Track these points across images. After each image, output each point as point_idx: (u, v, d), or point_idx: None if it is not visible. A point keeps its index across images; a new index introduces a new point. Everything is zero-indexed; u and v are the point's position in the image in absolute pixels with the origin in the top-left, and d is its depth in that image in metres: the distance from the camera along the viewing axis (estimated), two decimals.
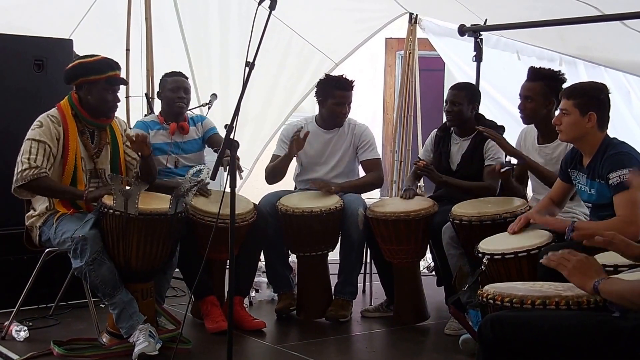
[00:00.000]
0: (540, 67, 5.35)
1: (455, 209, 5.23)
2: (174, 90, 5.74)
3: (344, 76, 5.96)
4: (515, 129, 5.74)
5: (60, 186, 4.95)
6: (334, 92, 5.87)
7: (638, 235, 3.98)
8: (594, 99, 4.41)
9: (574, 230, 4.17)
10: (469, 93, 5.71)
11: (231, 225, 3.92)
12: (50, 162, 4.90)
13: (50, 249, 4.98)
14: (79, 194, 4.91)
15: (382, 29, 8.09)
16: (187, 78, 5.83)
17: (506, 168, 5.16)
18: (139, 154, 5.06)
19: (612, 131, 4.54)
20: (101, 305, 4.94)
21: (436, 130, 5.95)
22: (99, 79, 4.96)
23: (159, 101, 6.05)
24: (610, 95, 4.49)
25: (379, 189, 7.48)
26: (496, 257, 4.52)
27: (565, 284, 3.02)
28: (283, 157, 5.81)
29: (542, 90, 5.12)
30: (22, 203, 5.15)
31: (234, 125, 3.85)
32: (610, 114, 4.50)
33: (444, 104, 5.76)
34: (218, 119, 5.99)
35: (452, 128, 5.80)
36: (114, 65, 5.05)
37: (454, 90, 5.73)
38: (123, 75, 5.34)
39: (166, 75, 5.89)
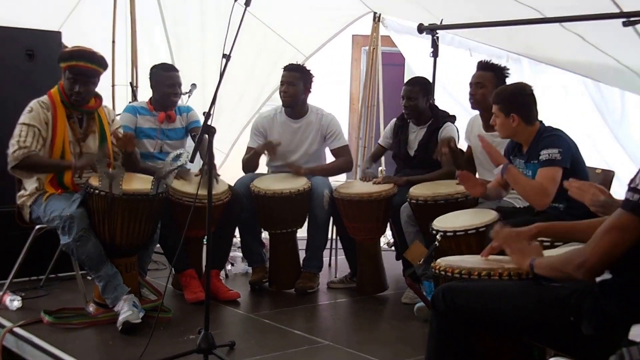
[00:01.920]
0: (488, 61, 5.40)
1: (412, 190, 5.28)
2: (170, 86, 5.65)
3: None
4: (466, 118, 5.78)
5: (50, 160, 4.90)
6: (282, 73, 5.89)
7: (545, 205, 4.14)
8: (513, 102, 4.48)
9: (506, 171, 4.37)
10: (422, 87, 5.73)
11: (209, 205, 3.92)
12: (40, 143, 4.86)
13: (40, 226, 4.94)
14: (67, 164, 4.88)
15: (349, 26, 8.08)
16: (178, 72, 5.76)
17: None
18: (123, 150, 5.06)
19: (551, 122, 4.60)
20: (88, 277, 4.91)
21: (395, 119, 5.97)
22: (65, 67, 4.91)
23: (143, 89, 6.00)
24: (545, 90, 4.53)
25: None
26: (448, 234, 4.57)
27: (508, 257, 3.06)
28: (254, 153, 5.82)
29: (492, 79, 5.16)
30: (14, 183, 5.12)
31: (212, 112, 3.85)
32: (549, 106, 4.55)
33: (401, 99, 5.76)
34: (197, 107, 5.96)
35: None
36: (77, 56, 4.90)
37: (409, 87, 5.72)
38: (108, 65, 5.24)
39: (160, 68, 5.75)
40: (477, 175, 5.43)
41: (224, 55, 3.79)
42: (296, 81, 5.81)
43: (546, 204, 4.19)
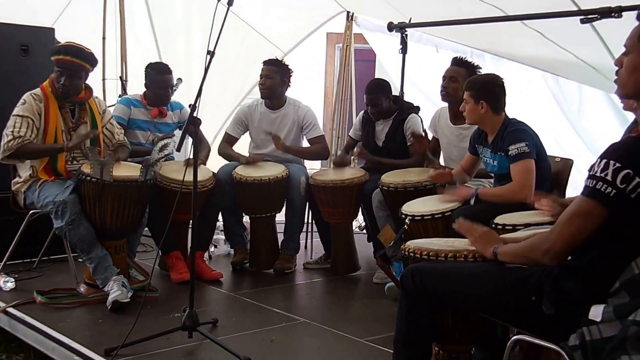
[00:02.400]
0: (462, 58, 5.37)
1: (384, 177, 5.26)
2: (162, 88, 5.61)
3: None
4: (431, 110, 5.77)
5: (43, 146, 4.85)
6: (261, 67, 5.87)
7: (528, 199, 4.04)
8: (484, 90, 4.47)
9: (478, 195, 4.37)
10: (383, 91, 5.66)
11: (194, 190, 3.88)
12: (34, 133, 4.81)
13: (34, 211, 4.90)
14: (60, 147, 4.82)
15: (324, 24, 8.07)
16: (171, 73, 5.69)
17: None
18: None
19: (513, 114, 4.59)
20: (79, 259, 4.85)
21: (362, 112, 5.95)
22: (54, 61, 4.87)
23: (132, 83, 5.96)
24: (507, 84, 4.53)
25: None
26: (417, 218, 4.57)
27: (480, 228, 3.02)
28: (234, 157, 5.83)
29: (465, 74, 5.13)
30: (9, 170, 5.07)
31: (197, 105, 3.80)
32: (511, 100, 4.54)
33: (366, 105, 5.71)
34: (183, 99, 5.92)
35: None
36: (65, 51, 4.85)
37: (372, 95, 5.63)
38: (99, 60, 5.18)
39: (154, 70, 5.67)
40: (442, 163, 5.43)
41: (208, 52, 3.74)
42: (273, 74, 5.79)
43: (529, 196, 4.11)
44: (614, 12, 4.77)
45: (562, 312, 2.41)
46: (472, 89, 4.49)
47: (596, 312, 2.25)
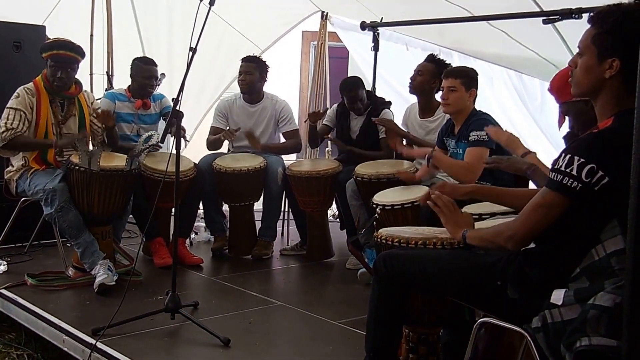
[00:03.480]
0: (437, 56, 5.39)
1: (358, 168, 5.27)
2: (147, 77, 5.55)
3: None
4: (402, 106, 5.79)
5: (34, 140, 4.88)
6: (240, 64, 5.85)
7: (472, 181, 4.12)
8: (474, 79, 4.52)
9: (431, 159, 4.37)
10: (361, 85, 5.68)
11: (176, 180, 3.87)
12: (26, 125, 4.82)
13: (25, 198, 4.92)
14: (50, 143, 4.85)
15: (300, 23, 8.04)
16: (156, 65, 5.66)
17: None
18: (104, 125, 5.07)
19: (479, 108, 4.61)
20: (68, 244, 4.84)
21: (336, 105, 5.94)
22: (47, 57, 4.88)
23: (117, 78, 5.93)
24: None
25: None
26: (387, 207, 4.59)
27: (442, 228, 3.04)
28: (218, 139, 5.75)
29: (432, 69, 5.17)
30: (2, 160, 5.06)
31: (180, 99, 3.78)
32: (477, 96, 4.57)
33: (343, 98, 5.71)
34: (166, 93, 5.89)
35: None
36: (58, 46, 4.88)
37: (352, 93, 5.63)
38: (87, 56, 5.18)
39: (140, 61, 5.64)
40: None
41: (190, 49, 3.73)
42: (252, 70, 5.77)
43: (473, 179, 4.19)
44: (575, 14, 4.80)
45: (526, 296, 2.42)
46: (464, 76, 4.48)
47: (558, 296, 2.27)
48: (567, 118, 2.88)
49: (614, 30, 2.28)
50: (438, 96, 5.04)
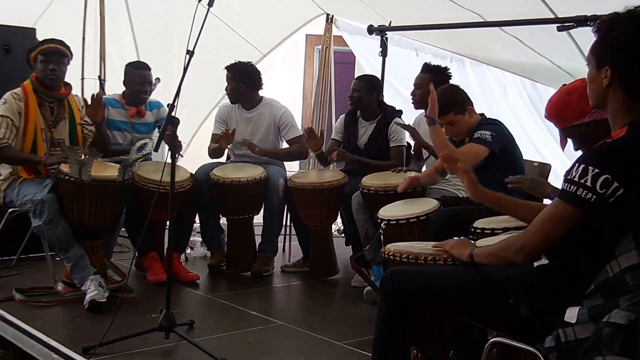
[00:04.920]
0: (431, 63, 5.44)
1: (364, 180, 5.28)
2: (140, 83, 5.62)
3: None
4: (413, 114, 5.82)
5: (21, 155, 4.92)
6: None
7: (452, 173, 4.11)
8: (463, 99, 4.56)
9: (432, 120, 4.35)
10: (367, 83, 5.74)
11: (171, 191, 3.89)
12: (13, 133, 4.86)
13: (13, 209, 4.95)
14: (38, 160, 4.88)
15: (303, 26, 8.10)
16: (150, 70, 5.71)
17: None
18: (93, 124, 5.04)
19: (492, 117, 4.65)
20: (57, 258, 4.87)
21: (344, 115, 5.98)
22: (36, 55, 4.95)
23: (110, 83, 5.96)
24: (486, 88, 4.58)
25: (298, 162, 7.56)
26: (392, 222, 4.59)
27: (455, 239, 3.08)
28: (218, 147, 5.79)
29: (429, 79, 5.17)
30: None
31: (175, 105, 3.82)
32: (490, 104, 4.60)
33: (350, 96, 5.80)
34: (161, 99, 5.93)
35: (358, 113, 5.83)
36: (46, 41, 4.99)
37: (356, 80, 5.79)
38: (78, 60, 5.23)
39: (132, 66, 5.70)
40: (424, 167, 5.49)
41: (187, 52, 3.77)
42: (229, 80, 5.89)
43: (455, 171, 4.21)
44: (590, 21, 4.87)
45: (539, 315, 2.46)
46: (454, 106, 4.49)
47: (571, 314, 2.30)
48: (569, 140, 2.93)
49: (605, 37, 2.35)
50: None
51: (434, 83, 5.09)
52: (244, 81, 5.85)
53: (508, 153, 4.45)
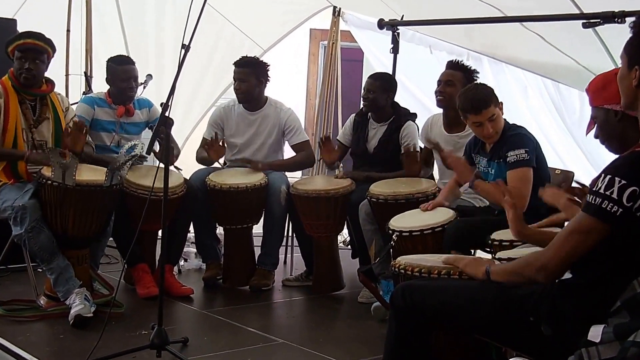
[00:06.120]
0: (457, 60, 5.46)
1: (372, 188, 5.30)
2: (125, 80, 5.58)
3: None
4: (425, 116, 5.84)
5: (3, 149, 4.89)
6: (234, 69, 5.90)
7: (524, 208, 4.12)
8: (494, 96, 4.56)
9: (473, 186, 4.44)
10: (383, 83, 5.74)
11: (164, 198, 3.93)
12: None
13: None
14: (21, 155, 4.88)
15: (308, 19, 8.10)
16: (134, 64, 5.69)
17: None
18: (71, 152, 4.92)
19: (512, 122, 4.68)
20: (39, 269, 4.90)
21: (354, 115, 5.99)
22: (13, 49, 4.94)
23: (97, 79, 5.93)
24: (505, 89, 4.62)
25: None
26: (404, 233, 4.62)
27: (468, 256, 3.11)
28: (208, 157, 5.82)
29: (462, 79, 5.22)
30: None
31: (170, 104, 3.84)
32: (509, 106, 4.63)
33: (362, 91, 5.81)
34: (152, 98, 5.95)
35: (369, 114, 5.85)
36: (24, 35, 4.96)
37: (370, 80, 5.77)
38: (62, 54, 5.21)
39: (114, 62, 5.67)
40: (436, 176, 5.50)
41: (183, 46, 3.79)
42: (247, 77, 5.82)
43: (523, 205, 4.22)
44: (617, 17, 4.89)
45: (561, 333, 2.49)
46: (493, 96, 4.52)
47: (595, 333, 2.32)
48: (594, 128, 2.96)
49: (637, 35, 2.38)
50: None
51: (464, 82, 5.13)
52: (261, 77, 5.86)
53: (537, 161, 4.48)
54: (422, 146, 5.70)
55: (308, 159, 6.07)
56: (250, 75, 5.82)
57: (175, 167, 5.66)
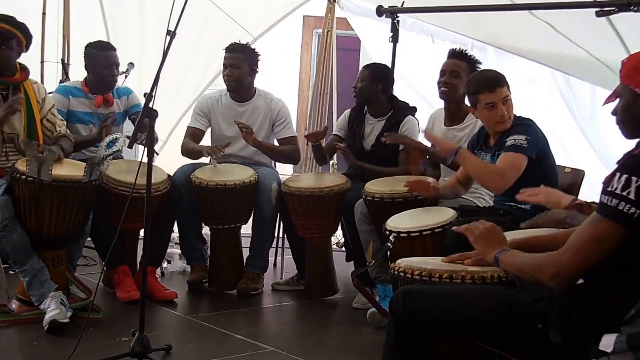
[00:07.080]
0: (463, 50, 5.46)
1: (368, 186, 5.28)
2: (106, 67, 5.60)
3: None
4: (427, 111, 5.85)
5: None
6: (224, 55, 5.90)
7: (501, 190, 4.32)
8: (505, 78, 4.59)
9: (457, 155, 4.48)
10: (373, 72, 5.75)
11: (147, 195, 3.92)
12: None
13: None
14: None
15: (301, 5, 8.09)
16: (115, 50, 5.68)
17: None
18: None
19: (517, 113, 4.69)
20: (10, 272, 4.89)
21: (350, 110, 5.99)
22: None
23: (75, 67, 5.89)
24: (511, 81, 4.63)
25: (292, 165, 7.56)
26: (402, 235, 4.60)
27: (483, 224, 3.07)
28: (197, 150, 5.83)
29: (467, 69, 5.23)
30: None
31: (153, 94, 3.83)
32: (515, 99, 4.63)
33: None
34: (134, 88, 5.94)
35: (365, 108, 5.86)
36: None
37: (362, 69, 5.82)
38: (38, 40, 5.17)
39: (95, 47, 5.67)
40: (441, 174, 5.50)
41: (168, 32, 3.77)
42: (240, 63, 5.84)
43: (502, 187, 4.34)
44: (633, 5, 4.89)
45: (571, 342, 2.49)
46: (504, 80, 4.56)
47: (608, 342, 2.32)
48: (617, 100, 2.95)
49: None
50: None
51: (468, 73, 5.14)
52: (253, 65, 5.88)
53: (542, 157, 4.49)
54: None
55: (296, 152, 6.08)
56: (244, 61, 5.84)
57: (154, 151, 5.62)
